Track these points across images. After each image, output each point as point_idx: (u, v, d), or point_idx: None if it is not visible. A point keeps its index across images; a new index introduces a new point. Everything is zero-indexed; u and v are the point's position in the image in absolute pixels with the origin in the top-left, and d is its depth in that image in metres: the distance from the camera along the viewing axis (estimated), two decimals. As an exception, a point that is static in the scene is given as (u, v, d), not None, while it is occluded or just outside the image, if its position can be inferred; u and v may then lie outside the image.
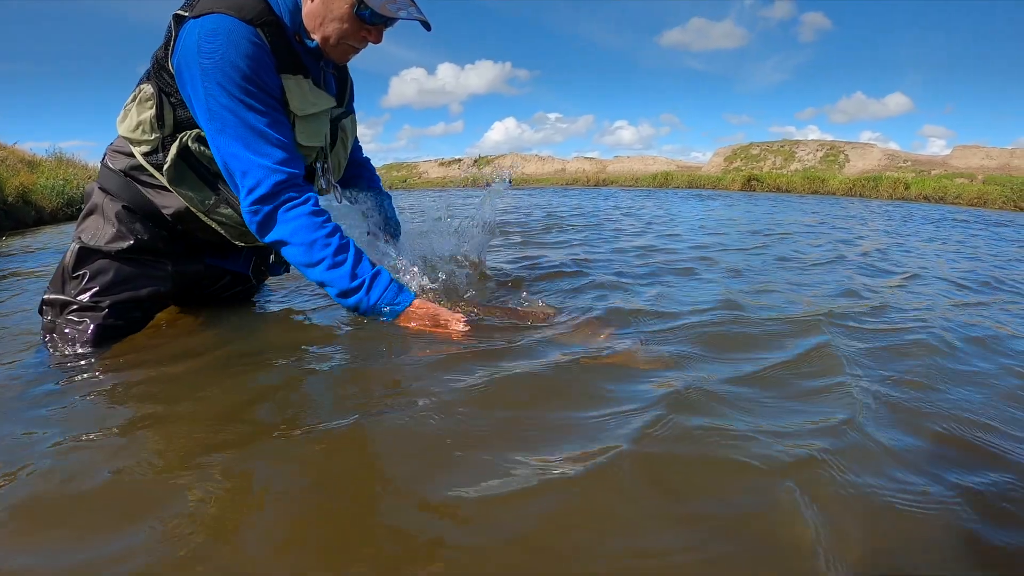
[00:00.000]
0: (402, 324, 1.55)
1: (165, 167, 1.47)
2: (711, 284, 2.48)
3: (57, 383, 1.31)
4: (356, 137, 1.94)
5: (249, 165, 1.40)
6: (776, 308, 2.04)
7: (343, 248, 1.49)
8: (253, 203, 1.43)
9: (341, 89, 1.71)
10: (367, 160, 2.10)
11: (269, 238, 1.47)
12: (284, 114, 1.48)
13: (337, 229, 1.50)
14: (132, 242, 1.55)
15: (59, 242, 4.70)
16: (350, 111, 1.79)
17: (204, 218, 1.55)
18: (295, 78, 1.47)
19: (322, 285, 1.52)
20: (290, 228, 1.45)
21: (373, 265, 1.54)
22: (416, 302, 1.56)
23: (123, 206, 1.56)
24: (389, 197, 2.11)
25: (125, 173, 1.55)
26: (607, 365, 1.40)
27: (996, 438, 1.13)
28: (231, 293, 1.91)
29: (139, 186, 1.55)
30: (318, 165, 1.68)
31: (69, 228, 5.73)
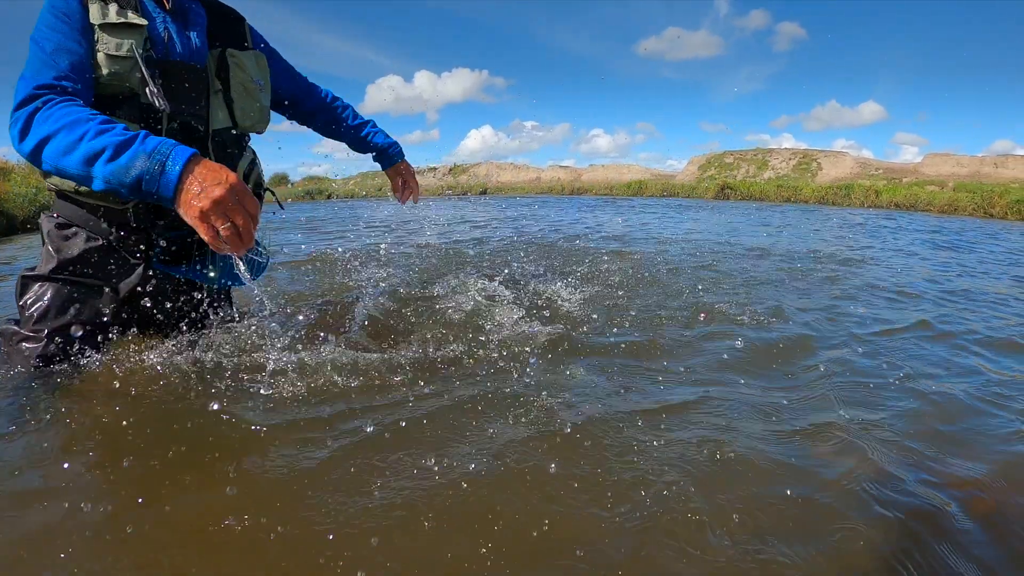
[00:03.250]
0: (187, 195, 1.15)
1: None
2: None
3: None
4: (300, 76, 1.98)
5: (22, 84, 1.30)
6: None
7: (111, 120, 1.24)
8: (13, 112, 1.27)
9: (224, 25, 1.69)
10: (327, 96, 2.09)
11: (29, 144, 1.25)
12: (80, 40, 1.39)
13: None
14: (58, 260, 1.53)
15: (28, 254, 4.87)
16: (250, 48, 1.73)
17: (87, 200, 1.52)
18: (97, 2, 1.42)
19: (90, 163, 1.18)
20: (49, 121, 1.24)
21: None
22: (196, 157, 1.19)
23: (56, 224, 1.56)
24: (371, 122, 2.18)
25: (54, 187, 1.55)
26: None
27: None
28: (193, 314, 1.79)
29: (62, 199, 1.55)
30: (150, 87, 1.45)
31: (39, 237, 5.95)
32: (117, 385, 1.50)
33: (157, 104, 1.45)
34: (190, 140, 1.53)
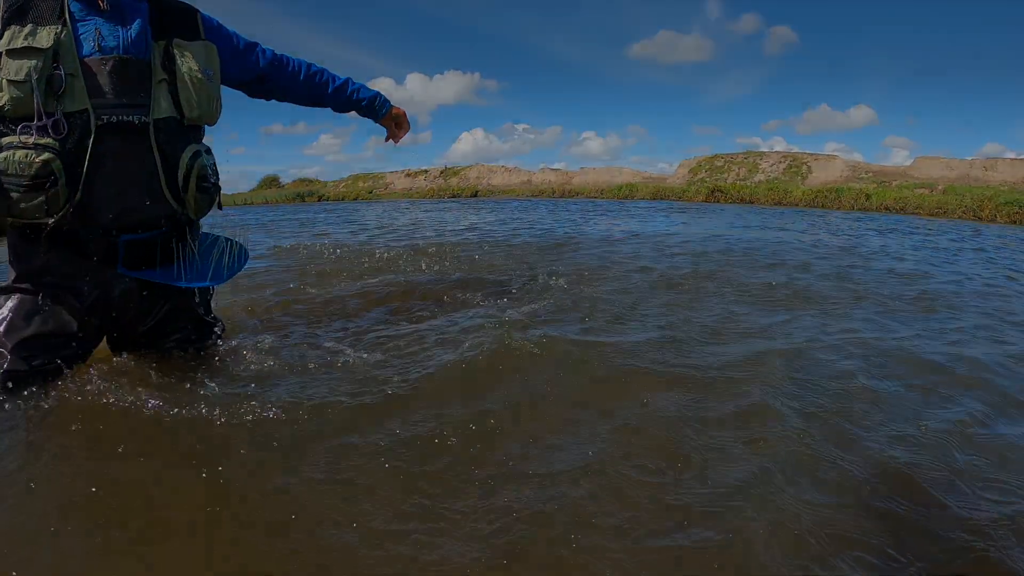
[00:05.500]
0: None
1: None
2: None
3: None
4: (266, 52, 1.92)
5: None
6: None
7: None
8: None
9: (171, 18, 1.68)
10: (299, 69, 2.01)
11: None
12: None
13: None
14: (19, 271, 1.52)
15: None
16: (201, 39, 1.72)
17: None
18: (13, 27, 1.44)
19: None
20: None
21: None
22: None
23: (20, 234, 1.54)
24: (349, 80, 2.13)
25: None
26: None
27: None
28: (167, 321, 1.72)
29: None
30: (37, 121, 1.44)
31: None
32: (87, 399, 1.42)
33: (49, 134, 1.43)
34: (126, 131, 1.52)
